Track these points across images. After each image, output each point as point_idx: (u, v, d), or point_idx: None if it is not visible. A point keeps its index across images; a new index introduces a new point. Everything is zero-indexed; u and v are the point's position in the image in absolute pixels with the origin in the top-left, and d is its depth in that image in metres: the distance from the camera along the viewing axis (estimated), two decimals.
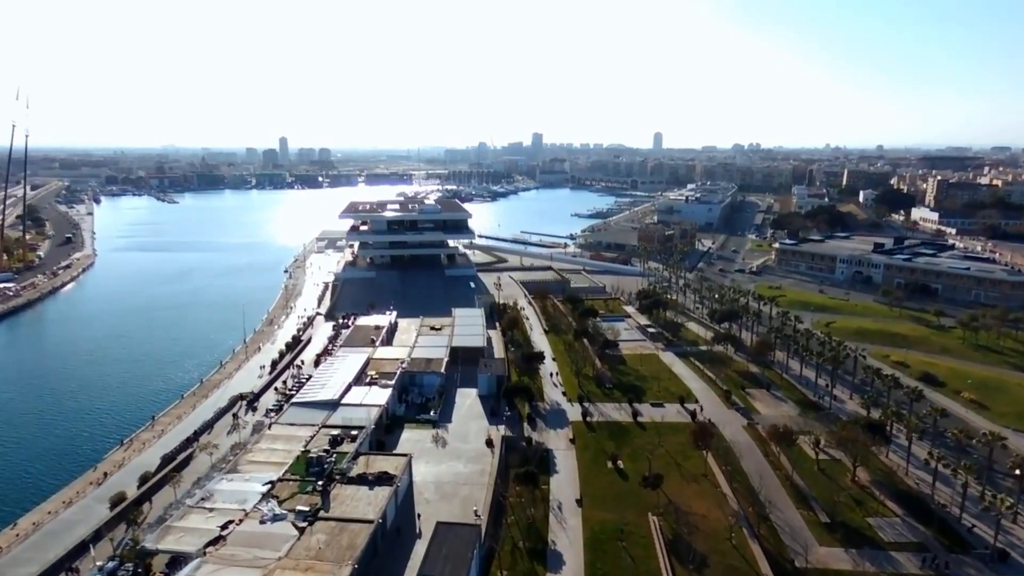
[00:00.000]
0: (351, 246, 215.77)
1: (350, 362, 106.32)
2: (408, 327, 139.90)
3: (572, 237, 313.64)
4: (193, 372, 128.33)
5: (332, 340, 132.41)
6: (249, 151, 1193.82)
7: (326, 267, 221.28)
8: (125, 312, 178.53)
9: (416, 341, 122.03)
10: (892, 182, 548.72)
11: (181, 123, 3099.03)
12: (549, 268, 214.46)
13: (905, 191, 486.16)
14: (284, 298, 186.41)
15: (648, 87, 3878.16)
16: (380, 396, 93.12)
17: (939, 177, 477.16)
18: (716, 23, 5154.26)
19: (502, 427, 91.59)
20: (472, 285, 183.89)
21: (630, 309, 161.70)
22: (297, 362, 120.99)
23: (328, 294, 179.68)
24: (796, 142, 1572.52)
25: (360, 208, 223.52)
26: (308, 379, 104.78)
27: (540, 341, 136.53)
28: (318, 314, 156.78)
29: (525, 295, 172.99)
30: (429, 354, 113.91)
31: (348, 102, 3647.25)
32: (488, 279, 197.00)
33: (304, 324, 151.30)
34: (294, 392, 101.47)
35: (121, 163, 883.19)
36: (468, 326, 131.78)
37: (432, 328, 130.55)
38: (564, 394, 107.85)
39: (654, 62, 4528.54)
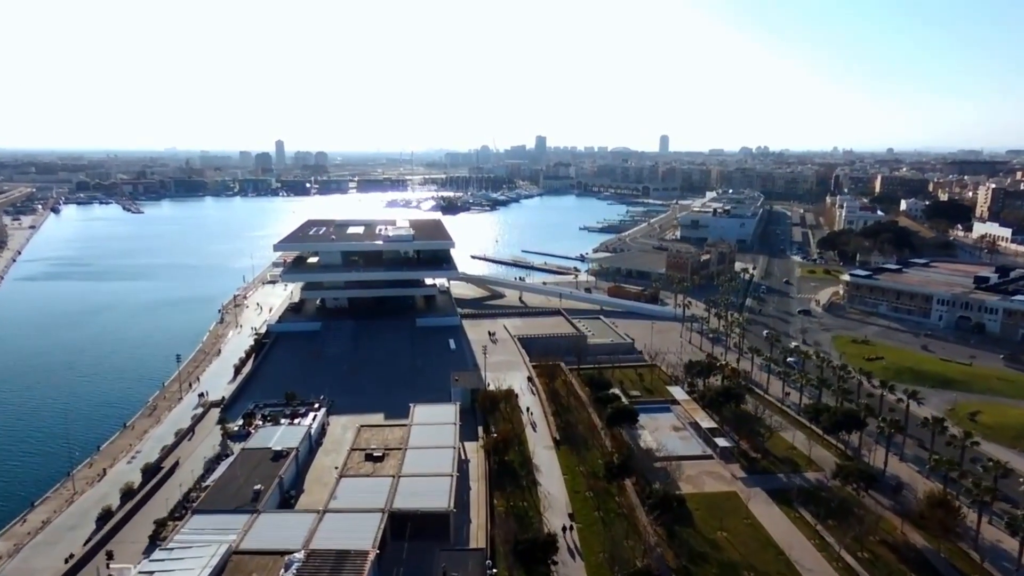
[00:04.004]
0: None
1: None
2: (340, 439, 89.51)
3: (583, 259, 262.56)
4: None
5: (209, 468, 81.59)
6: (243, 155, 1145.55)
7: (272, 306, 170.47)
8: None
9: (335, 493, 70.82)
10: (928, 189, 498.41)
11: (186, 126, 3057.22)
12: (558, 312, 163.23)
13: (947, 199, 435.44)
14: (195, 362, 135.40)
15: (652, 90, 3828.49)
16: None
17: (992, 185, 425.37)
18: (719, 27, 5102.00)
19: None
20: (452, 345, 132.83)
21: (678, 392, 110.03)
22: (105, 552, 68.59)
23: (252, 360, 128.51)
24: (802, 145, 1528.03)
25: (312, 232, 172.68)
26: None
27: (548, 467, 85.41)
28: (215, 406, 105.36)
29: (527, 368, 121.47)
30: (345, 536, 62.31)
31: (350, 105, 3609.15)
32: (477, 330, 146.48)
33: (193, 421, 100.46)
34: None
35: (106, 167, 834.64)
36: (430, 448, 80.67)
37: (370, 456, 79.10)
38: None
39: (658, 64, 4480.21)
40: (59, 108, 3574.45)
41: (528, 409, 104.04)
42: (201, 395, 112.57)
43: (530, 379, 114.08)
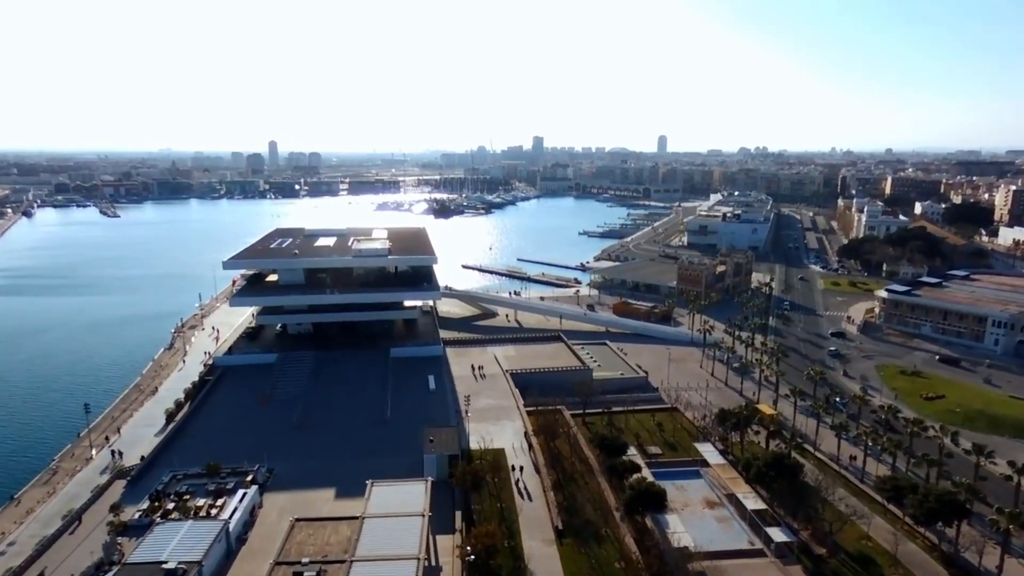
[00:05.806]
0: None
1: None
2: (273, 532, 67.29)
3: (583, 268, 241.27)
4: None
5: None
6: (235, 155, 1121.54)
7: (232, 329, 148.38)
8: None
9: None
10: (940, 191, 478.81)
11: (183, 127, 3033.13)
12: (558, 337, 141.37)
13: (961, 202, 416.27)
14: (125, 402, 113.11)
15: (650, 90, 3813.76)
16: None
17: (1012, 187, 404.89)
18: (716, 27, 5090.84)
19: None
20: (431, 384, 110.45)
21: (709, 452, 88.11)
22: None
23: (189, 403, 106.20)
24: (800, 145, 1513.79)
25: (276, 244, 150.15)
26: None
27: (548, 574, 63.53)
28: (122, 476, 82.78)
29: (521, 416, 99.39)
30: None
31: (346, 106, 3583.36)
32: (463, 360, 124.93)
33: (92, 496, 78.13)
34: None
35: (92, 168, 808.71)
36: (385, 561, 58.34)
37: (305, 566, 56.91)
38: None
39: (655, 65, 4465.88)
40: (55, 109, 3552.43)
41: (522, 469, 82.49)
42: (115, 454, 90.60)
43: (526, 435, 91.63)
